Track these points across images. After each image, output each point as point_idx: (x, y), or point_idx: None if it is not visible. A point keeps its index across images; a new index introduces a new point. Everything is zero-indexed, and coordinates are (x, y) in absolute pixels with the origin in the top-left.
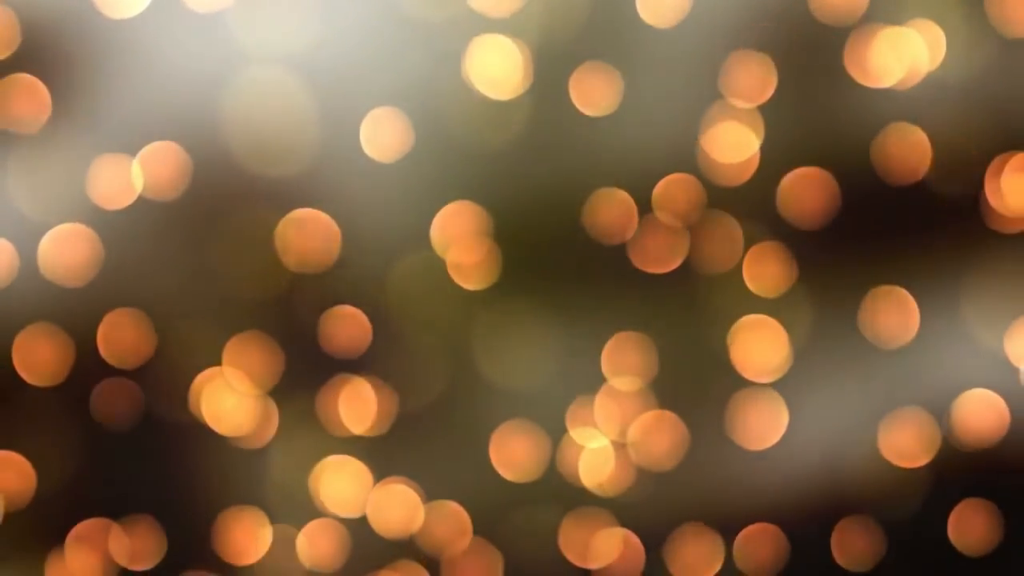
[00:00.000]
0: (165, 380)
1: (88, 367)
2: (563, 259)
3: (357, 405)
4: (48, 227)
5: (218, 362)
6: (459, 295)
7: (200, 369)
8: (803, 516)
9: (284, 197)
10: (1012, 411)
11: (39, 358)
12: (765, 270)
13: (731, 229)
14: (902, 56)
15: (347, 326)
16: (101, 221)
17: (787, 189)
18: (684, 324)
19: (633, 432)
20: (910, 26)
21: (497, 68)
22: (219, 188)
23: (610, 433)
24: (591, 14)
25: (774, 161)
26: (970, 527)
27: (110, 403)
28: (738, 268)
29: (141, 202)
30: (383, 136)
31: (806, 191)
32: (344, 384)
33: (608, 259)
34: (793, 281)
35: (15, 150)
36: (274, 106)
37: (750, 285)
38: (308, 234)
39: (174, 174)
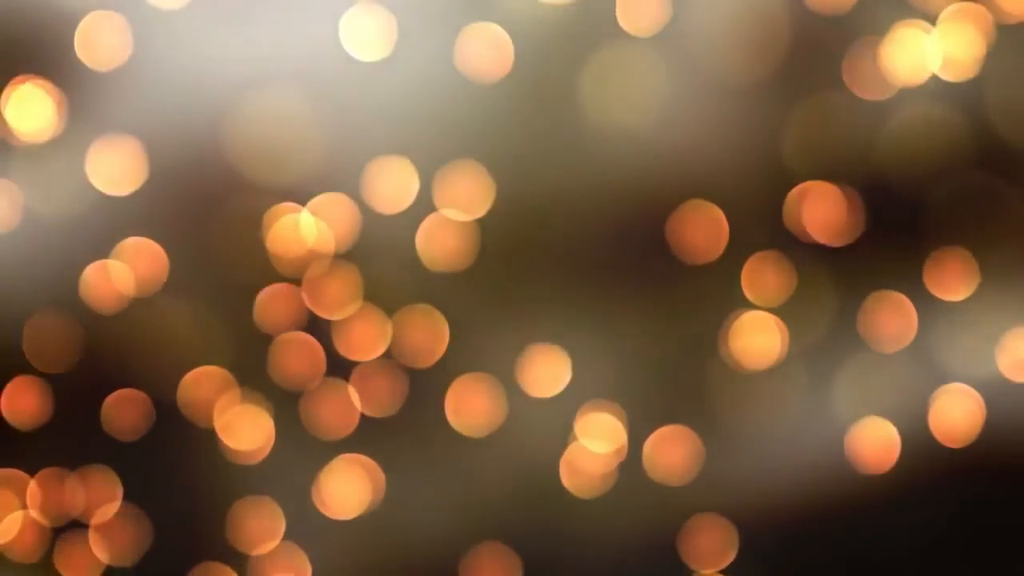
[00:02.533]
0: (167, 377)
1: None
2: (563, 261)
3: (358, 406)
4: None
5: (215, 361)
6: (458, 294)
7: (197, 368)
8: (807, 512)
9: (279, 199)
10: (992, 412)
11: (49, 346)
12: (765, 276)
13: (731, 232)
14: (901, 59)
15: (346, 329)
16: (104, 214)
17: (792, 199)
18: (682, 324)
19: (638, 436)
20: (908, 28)
21: (485, 58)
22: (217, 189)
23: (615, 437)
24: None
25: (768, 159)
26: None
27: (121, 414)
28: (737, 272)
29: (140, 198)
30: (377, 136)
31: (810, 202)
32: (346, 386)
33: (603, 262)
34: (793, 287)
35: (21, 147)
36: (273, 109)
37: (749, 292)
38: (302, 236)
39: (173, 172)
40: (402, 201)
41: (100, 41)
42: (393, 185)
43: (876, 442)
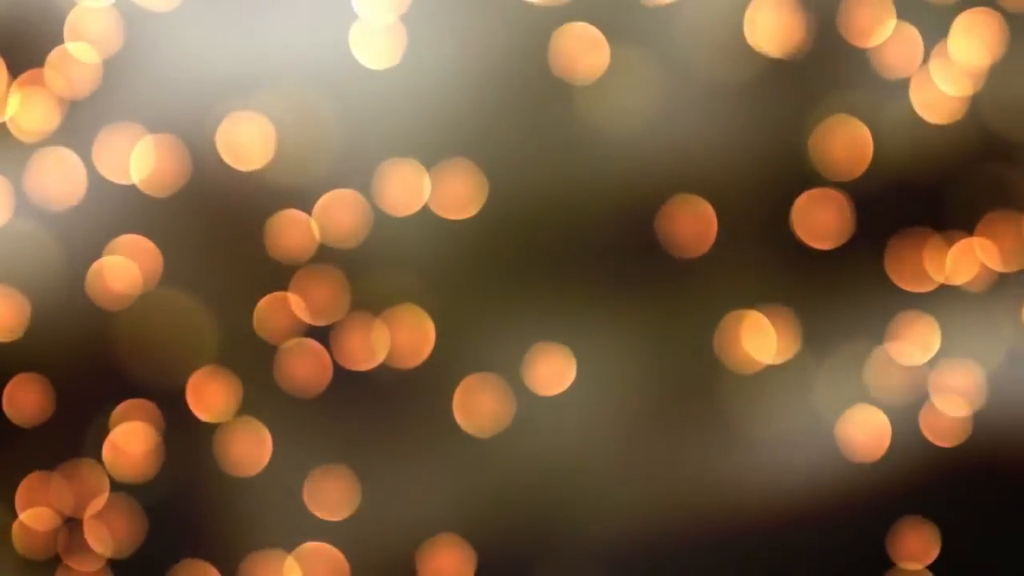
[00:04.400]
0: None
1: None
2: (566, 260)
3: (364, 407)
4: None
5: (212, 360)
6: (460, 295)
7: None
8: (803, 513)
9: (281, 199)
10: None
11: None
12: (765, 275)
13: (730, 232)
14: (897, 58)
15: (349, 331)
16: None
17: (790, 199)
18: (682, 323)
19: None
20: (905, 28)
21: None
22: (217, 189)
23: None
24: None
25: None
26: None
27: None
28: (737, 271)
29: (138, 197)
30: (378, 136)
31: (808, 202)
32: (348, 386)
33: (607, 261)
34: (792, 287)
35: (20, 143)
36: (275, 109)
37: (748, 291)
38: (304, 236)
39: (175, 170)
40: (406, 202)
41: (98, 36)
42: (397, 186)
43: (868, 434)
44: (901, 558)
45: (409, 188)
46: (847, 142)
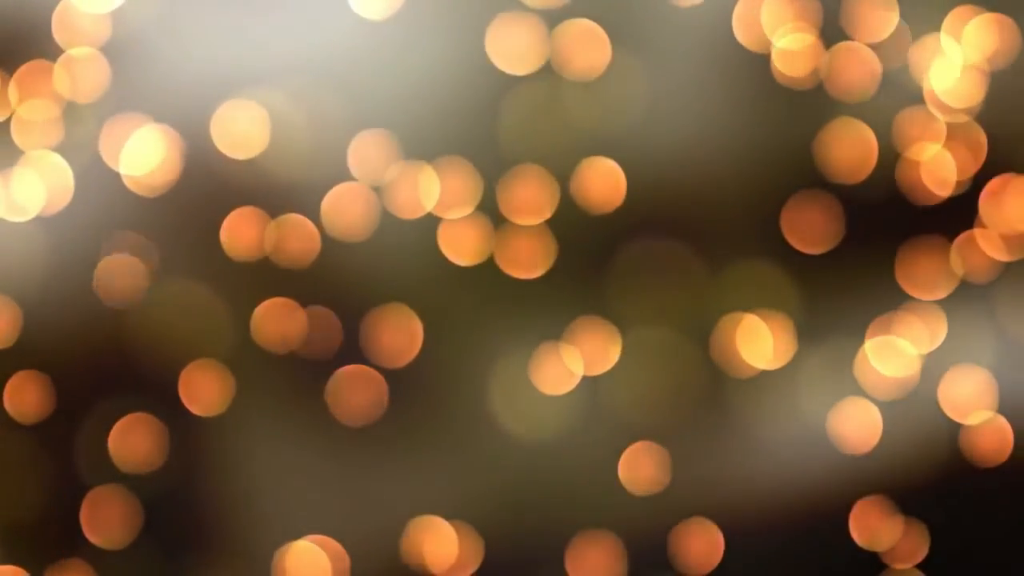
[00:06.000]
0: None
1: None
2: (570, 260)
3: (365, 404)
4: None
5: (211, 357)
6: (468, 294)
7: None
8: (799, 514)
9: (282, 195)
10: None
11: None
12: (764, 278)
13: (729, 234)
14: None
15: (353, 328)
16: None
17: (787, 202)
18: (683, 325)
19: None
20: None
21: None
22: (212, 188)
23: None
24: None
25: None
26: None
27: (129, 441)
28: (735, 274)
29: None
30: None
31: (805, 205)
32: (351, 384)
33: (611, 262)
34: (790, 289)
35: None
36: (276, 110)
37: (747, 294)
38: (308, 234)
39: (173, 169)
40: (405, 201)
41: (97, 35)
42: (396, 186)
43: (862, 431)
44: (891, 558)
45: (408, 187)
46: (848, 142)
